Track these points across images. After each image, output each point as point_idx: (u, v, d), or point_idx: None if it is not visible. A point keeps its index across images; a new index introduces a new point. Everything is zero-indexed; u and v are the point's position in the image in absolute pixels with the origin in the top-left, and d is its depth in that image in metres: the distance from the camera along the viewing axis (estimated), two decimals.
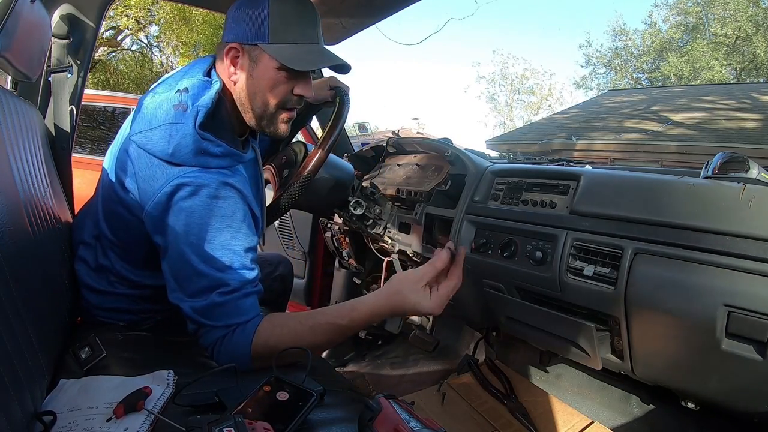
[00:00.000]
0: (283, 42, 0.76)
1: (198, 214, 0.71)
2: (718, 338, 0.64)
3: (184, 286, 0.72)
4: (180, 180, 0.71)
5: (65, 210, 0.96)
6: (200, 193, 0.71)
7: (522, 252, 0.91)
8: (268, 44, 0.76)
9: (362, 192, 1.17)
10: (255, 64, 0.77)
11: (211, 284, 0.71)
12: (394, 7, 1.17)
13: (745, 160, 0.76)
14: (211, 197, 0.72)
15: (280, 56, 0.76)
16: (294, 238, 1.78)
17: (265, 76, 0.78)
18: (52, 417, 0.54)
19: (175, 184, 0.71)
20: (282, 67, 0.77)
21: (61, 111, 1.03)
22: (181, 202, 0.71)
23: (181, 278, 0.72)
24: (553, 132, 9.23)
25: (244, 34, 0.76)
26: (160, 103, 0.76)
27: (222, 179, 0.73)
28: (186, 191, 0.71)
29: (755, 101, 8.01)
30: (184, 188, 0.71)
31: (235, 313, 0.72)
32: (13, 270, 0.54)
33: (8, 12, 0.66)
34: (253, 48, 0.77)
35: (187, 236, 0.71)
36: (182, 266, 0.72)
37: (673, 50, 14.26)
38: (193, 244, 0.71)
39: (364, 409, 0.57)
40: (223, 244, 0.72)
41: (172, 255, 0.72)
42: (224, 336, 0.72)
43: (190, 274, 0.71)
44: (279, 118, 0.83)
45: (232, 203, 0.73)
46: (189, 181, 0.71)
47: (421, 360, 1.57)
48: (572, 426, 1.06)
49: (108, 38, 9.44)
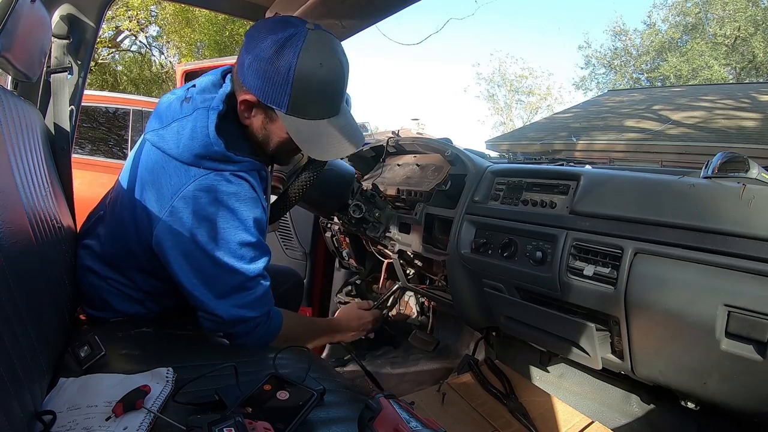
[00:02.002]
0: (301, 116, 0.72)
1: (212, 214, 0.72)
2: (718, 338, 0.64)
3: (214, 287, 0.74)
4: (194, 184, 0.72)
5: (65, 210, 0.96)
6: (213, 196, 0.72)
7: (522, 252, 0.91)
8: (285, 114, 0.72)
9: (362, 195, 1.17)
10: (270, 122, 0.76)
11: (243, 279, 0.75)
12: (394, 7, 1.17)
13: (745, 160, 0.76)
14: (225, 195, 0.73)
15: (296, 136, 0.73)
16: (294, 239, 1.78)
17: (279, 136, 0.77)
18: (52, 416, 0.54)
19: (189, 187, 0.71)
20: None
21: (61, 111, 1.03)
22: (195, 206, 0.71)
23: (210, 280, 0.74)
24: (553, 132, 9.23)
25: (264, 94, 0.71)
26: (173, 101, 0.77)
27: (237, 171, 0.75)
28: (199, 194, 0.71)
29: (755, 101, 8.01)
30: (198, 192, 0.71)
31: (267, 301, 0.81)
32: (13, 270, 0.54)
33: (8, 12, 0.66)
34: (269, 108, 0.73)
35: (206, 237, 0.72)
36: (208, 267, 0.73)
37: (672, 50, 14.27)
38: (214, 244, 0.72)
39: (364, 408, 0.57)
40: (242, 240, 0.74)
41: (194, 258, 0.73)
42: (260, 324, 0.80)
43: (218, 273, 0.74)
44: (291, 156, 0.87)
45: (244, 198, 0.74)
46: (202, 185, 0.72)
47: (421, 360, 1.57)
48: (572, 426, 1.06)
49: (108, 39, 9.44)
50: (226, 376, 0.65)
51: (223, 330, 0.80)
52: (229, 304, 0.75)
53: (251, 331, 0.80)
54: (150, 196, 0.74)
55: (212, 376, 0.65)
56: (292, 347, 0.74)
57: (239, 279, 0.75)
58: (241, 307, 0.76)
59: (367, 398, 0.60)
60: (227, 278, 0.74)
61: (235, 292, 0.76)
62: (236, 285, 0.75)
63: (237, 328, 0.79)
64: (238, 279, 0.75)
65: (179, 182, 0.72)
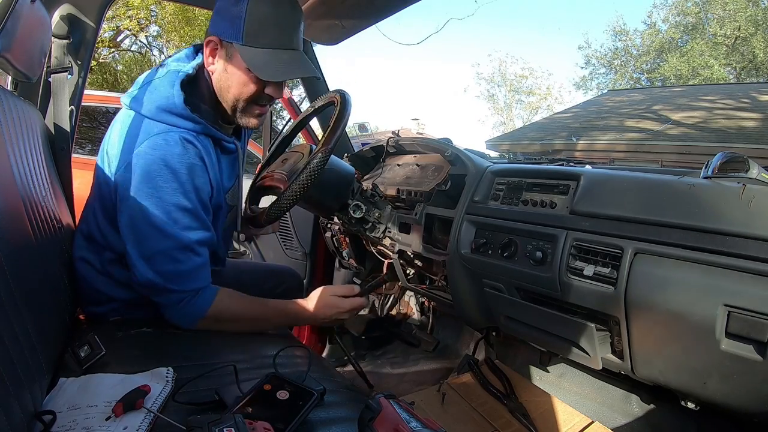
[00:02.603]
0: (255, 45, 0.77)
1: (155, 172, 0.75)
2: (718, 338, 0.64)
3: (141, 245, 0.76)
4: (148, 141, 0.76)
5: (65, 210, 0.96)
6: (160, 154, 0.75)
7: (522, 252, 0.91)
8: (242, 45, 0.77)
9: (362, 195, 1.17)
10: (229, 60, 0.81)
11: (170, 245, 0.76)
12: (394, 7, 1.17)
13: (745, 160, 0.76)
14: (171, 155, 0.76)
15: (249, 61, 0.78)
16: (294, 239, 1.78)
17: (237, 74, 0.81)
18: (52, 416, 0.54)
19: (143, 144, 0.76)
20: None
21: (61, 111, 1.03)
22: (144, 161, 0.75)
23: (140, 237, 0.76)
24: (553, 132, 9.23)
25: (223, 30, 0.79)
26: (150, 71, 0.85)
27: (186, 137, 0.78)
28: (149, 150, 0.75)
29: (755, 101, 8.01)
30: (148, 148, 0.75)
31: (196, 279, 0.80)
32: (13, 270, 0.54)
33: (8, 12, 0.66)
34: (229, 45, 0.79)
35: (146, 194, 0.75)
36: (141, 223, 0.75)
37: (672, 50, 14.26)
38: (150, 201, 0.75)
39: (364, 408, 0.57)
40: (177, 203, 0.76)
41: (133, 212, 0.75)
42: (183, 300, 0.79)
43: (148, 232, 0.75)
44: (250, 111, 0.86)
45: (189, 162, 0.77)
46: (154, 142, 0.76)
47: (421, 360, 1.57)
48: (572, 426, 1.06)
49: (108, 39, 9.44)
50: (226, 376, 0.66)
51: (145, 293, 0.81)
52: (149, 267, 0.76)
53: (174, 304, 0.79)
54: (116, 153, 0.79)
55: (212, 376, 0.65)
56: (294, 346, 0.74)
57: (166, 244, 0.76)
58: (161, 274, 0.76)
59: (367, 398, 0.60)
60: (155, 239, 0.75)
61: (160, 256, 0.76)
62: (162, 249, 0.76)
63: (159, 298, 0.79)
64: (165, 244, 0.76)
65: (140, 139, 0.76)
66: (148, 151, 0.75)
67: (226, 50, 0.80)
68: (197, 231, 0.79)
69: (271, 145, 1.32)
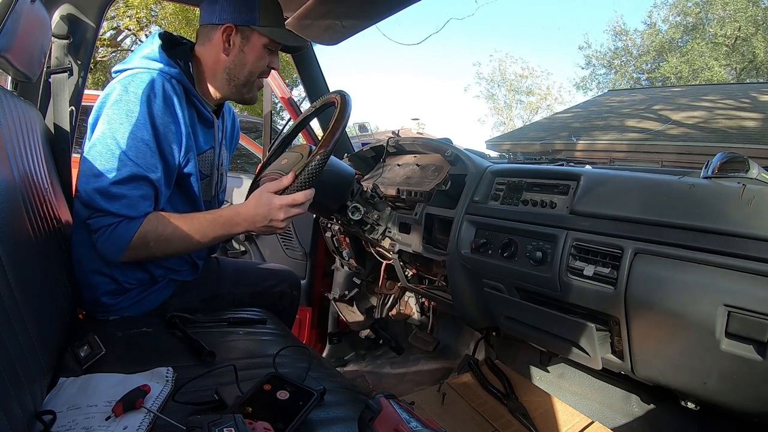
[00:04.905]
0: (269, 25, 0.95)
1: (116, 101, 0.81)
2: (718, 338, 0.64)
3: (91, 164, 0.80)
4: (120, 79, 0.83)
5: (65, 210, 0.96)
6: (125, 84, 0.81)
7: (522, 252, 0.91)
8: (259, 26, 0.94)
9: (361, 196, 1.17)
10: (246, 41, 0.95)
11: (116, 166, 0.79)
12: (394, 8, 1.16)
13: (745, 160, 0.76)
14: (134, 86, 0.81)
15: (272, 36, 0.95)
16: (294, 239, 1.78)
17: (254, 51, 0.96)
18: (52, 416, 0.54)
19: (120, 78, 0.83)
20: (268, 45, 0.96)
21: (61, 111, 1.03)
22: (110, 91, 0.82)
23: (93, 156, 0.80)
24: (553, 132, 9.23)
25: (236, 17, 0.92)
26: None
27: (157, 79, 0.84)
28: (116, 84, 0.82)
29: (755, 101, 8.01)
30: (117, 83, 0.82)
31: (129, 207, 0.81)
32: (13, 270, 0.54)
33: (8, 12, 0.66)
34: (245, 28, 0.93)
35: (108, 118, 0.81)
36: (99, 144, 0.80)
37: (672, 50, 14.26)
38: (107, 126, 0.80)
39: (364, 408, 0.57)
40: (134, 134, 0.81)
41: (95, 137, 0.81)
42: (110, 225, 0.80)
43: (99, 151, 0.80)
44: (257, 84, 1.02)
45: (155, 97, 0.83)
46: (124, 78, 0.83)
47: (421, 360, 1.57)
48: (572, 426, 1.06)
49: (108, 39, 9.45)
50: (226, 376, 0.66)
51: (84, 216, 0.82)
52: (92, 185, 0.79)
53: (104, 228, 0.80)
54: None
55: (212, 375, 0.65)
56: (294, 346, 0.74)
57: (113, 164, 0.79)
58: (101, 193, 0.79)
59: (367, 398, 0.60)
60: (104, 157, 0.80)
61: (104, 175, 0.79)
62: (108, 169, 0.79)
63: (93, 220, 0.80)
64: (112, 164, 0.79)
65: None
66: (116, 85, 0.83)
67: (242, 33, 0.94)
68: (147, 161, 0.82)
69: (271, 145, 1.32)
